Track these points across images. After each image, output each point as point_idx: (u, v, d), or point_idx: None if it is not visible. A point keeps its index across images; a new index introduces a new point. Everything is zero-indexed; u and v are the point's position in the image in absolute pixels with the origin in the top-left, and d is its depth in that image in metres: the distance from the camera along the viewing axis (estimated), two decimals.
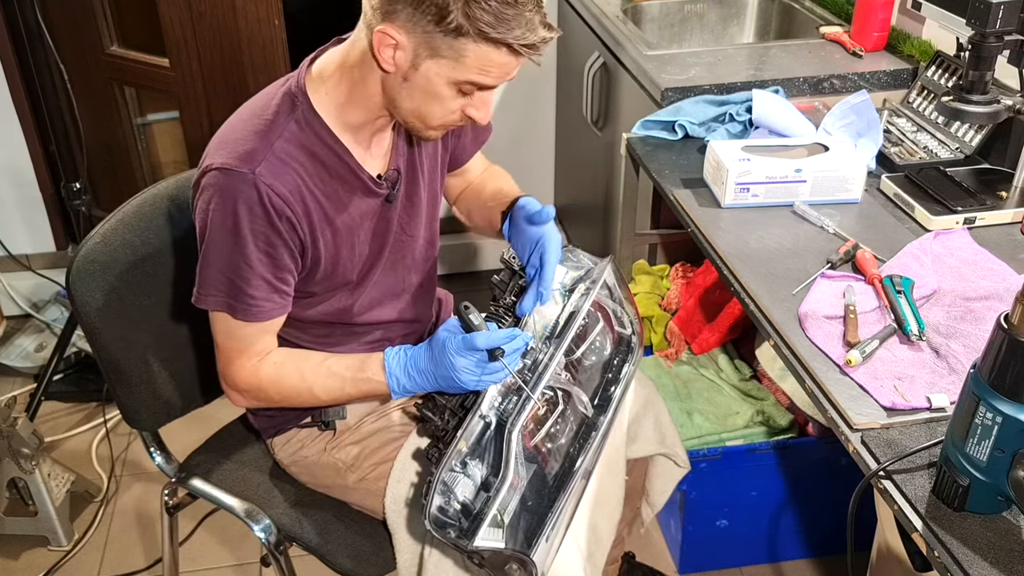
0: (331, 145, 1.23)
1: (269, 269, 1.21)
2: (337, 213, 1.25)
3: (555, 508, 1.19)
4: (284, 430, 1.46)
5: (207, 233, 1.19)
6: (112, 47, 2.58)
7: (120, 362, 1.42)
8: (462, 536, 1.14)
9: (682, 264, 2.29)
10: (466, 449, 1.19)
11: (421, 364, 1.24)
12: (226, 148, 1.19)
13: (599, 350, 1.39)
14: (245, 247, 1.18)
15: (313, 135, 1.21)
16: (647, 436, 1.55)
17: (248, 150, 1.17)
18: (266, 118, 1.20)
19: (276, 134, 1.19)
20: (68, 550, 2.12)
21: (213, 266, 1.21)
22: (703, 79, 1.95)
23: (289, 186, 1.19)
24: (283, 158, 1.19)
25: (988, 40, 1.46)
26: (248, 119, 1.22)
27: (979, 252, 1.48)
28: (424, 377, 1.23)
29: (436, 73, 1.12)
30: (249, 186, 1.16)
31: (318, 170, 1.22)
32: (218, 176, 1.17)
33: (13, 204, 2.79)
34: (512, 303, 1.33)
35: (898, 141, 1.83)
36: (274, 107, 1.21)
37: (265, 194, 1.16)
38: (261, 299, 1.22)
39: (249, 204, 1.16)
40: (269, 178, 1.17)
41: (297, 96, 1.21)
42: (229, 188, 1.16)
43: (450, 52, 1.10)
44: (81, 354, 2.63)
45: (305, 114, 1.21)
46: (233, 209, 1.16)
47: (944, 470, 1.03)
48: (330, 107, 1.22)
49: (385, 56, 1.12)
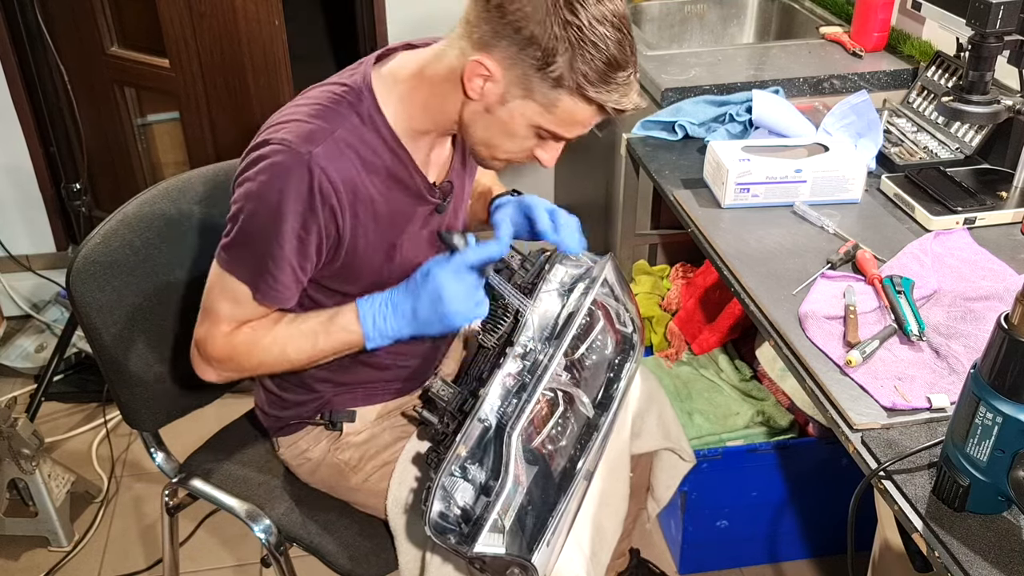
0: (391, 145, 1.21)
1: (296, 255, 1.18)
2: (383, 210, 1.23)
3: (556, 511, 1.18)
4: (291, 429, 1.46)
5: (249, 202, 1.16)
6: (112, 47, 2.58)
7: (120, 362, 1.42)
8: (463, 542, 1.13)
9: (682, 264, 2.29)
10: (465, 453, 1.18)
11: (400, 302, 1.19)
12: (286, 126, 1.16)
13: (600, 349, 1.38)
14: (283, 226, 1.15)
15: (374, 132, 1.19)
16: (651, 431, 1.55)
17: (308, 131, 1.15)
18: (329, 106, 1.18)
19: (338, 122, 1.17)
20: (68, 551, 2.12)
21: (246, 237, 1.17)
22: (703, 79, 1.95)
23: (343, 174, 1.16)
24: (341, 146, 1.16)
25: (988, 40, 1.46)
26: (309, 104, 1.19)
27: (979, 252, 1.48)
28: (404, 317, 1.19)
29: (521, 114, 1.11)
30: (303, 166, 1.13)
31: (373, 165, 1.20)
32: (276, 150, 1.14)
33: (13, 204, 2.79)
34: (510, 303, 1.32)
35: (898, 141, 1.83)
36: (335, 98, 1.19)
37: (317, 178, 1.14)
38: (283, 285, 1.19)
39: (299, 185, 1.13)
40: (324, 161, 1.14)
41: (363, 91, 1.19)
42: (284, 165, 1.13)
43: (543, 99, 1.09)
44: (81, 355, 2.63)
45: (369, 110, 1.19)
46: (282, 186, 1.13)
47: (944, 470, 1.03)
48: (399, 110, 1.20)
49: (474, 85, 1.11)
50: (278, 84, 2.44)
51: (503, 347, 1.26)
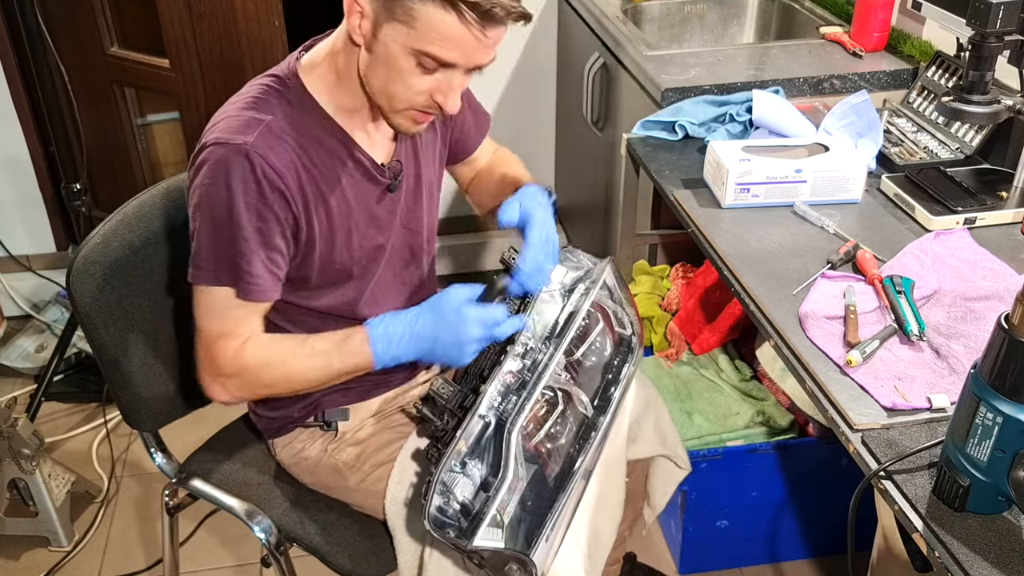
0: (325, 125, 1.23)
1: (262, 248, 1.19)
2: (332, 192, 1.24)
3: (555, 508, 1.19)
4: (286, 431, 1.46)
5: (201, 208, 1.18)
6: (112, 47, 2.58)
7: (120, 362, 1.42)
8: (461, 536, 1.13)
9: (682, 264, 2.29)
10: (465, 449, 1.18)
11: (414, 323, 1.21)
12: (218, 126, 1.19)
13: (599, 351, 1.39)
14: (239, 220, 1.16)
15: (306, 114, 1.22)
16: (648, 437, 1.55)
17: (240, 124, 1.17)
18: (256, 97, 1.21)
19: (267, 111, 1.19)
20: (68, 551, 2.12)
21: (209, 241, 1.19)
22: (703, 79, 1.95)
23: (283, 160, 1.18)
24: (276, 132, 1.18)
25: (988, 40, 1.46)
26: (239, 100, 1.22)
27: (979, 252, 1.48)
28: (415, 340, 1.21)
29: (392, 39, 1.11)
30: (242, 157, 1.15)
31: (313, 147, 1.22)
32: (212, 150, 1.16)
33: (13, 205, 2.79)
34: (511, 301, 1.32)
35: (898, 141, 1.82)
36: (263, 89, 1.22)
37: (259, 166, 1.15)
38: (258, 275, 1.20)
39: (243, 175, 1.15)
40: (263, 149, 1.16)
41: (288, 78, 1.22)
42: (223, 160, 1.15)
43: (403, 14, 1.09)
44: (81, 355, 2.63)
45: (297, 94, 1.22)
46: (227, 181, 1.15)
47: (944, 470, 1.03)
48: (322, 90, 1.23)
49: (354, 25, 1.13)
50: None
51: (503, 346, 1.26)
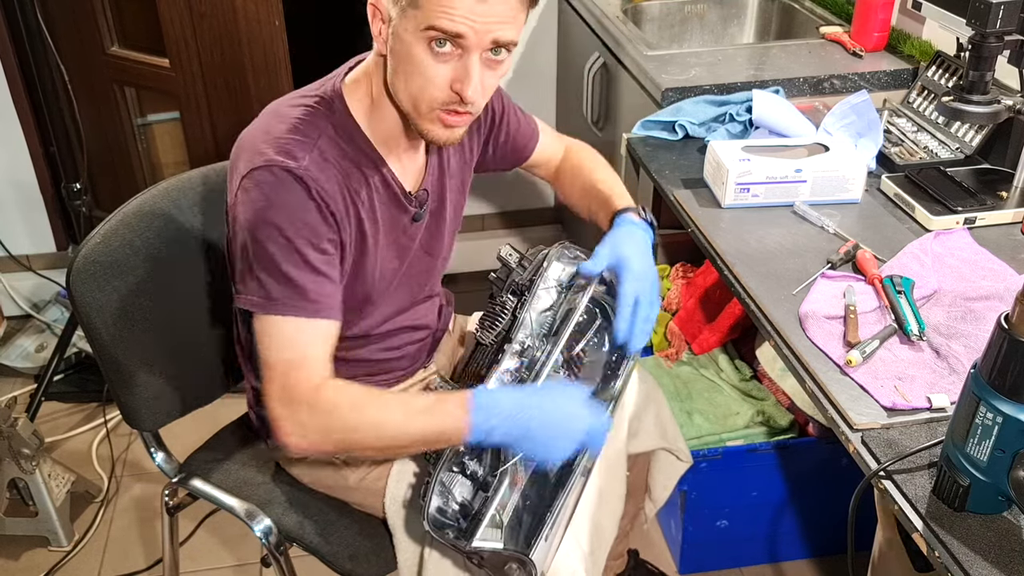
0: (365, 150, 1.21)
1: (323, 266, 1.16)
2: (368, 218, 1.23)
3: (554, 507, 1.18)
4: None
5: (257, 232, 1.13)
6: (112, 47, 2.58)
7: (120, 362, 1.42)
8: (460, 537, 1.13)
9: (682, 264, 2.29)
10: (464, 449, 1.18)
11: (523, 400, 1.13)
12: (267, 147, 1.15)
13: (597, 347, 1.39)
14: (296, 243, 1.13)
15: (348, 138, 1.20)
16: (648, 431, 1.55)
17: (292, 148, 1.15)
18: (305, 119, 1.18)
19: (316, 134, 1.17)
20: (68, 550, 2.12)
21: (271, 268, 1.13)
22: (703, 79, 1.95)
23: (332, 184, 1.16)
24: (326, 157, 1.17)
25: (988, 40, 1.46)
26: (283, 120, 1.19)
27: (979, 252, 1.48)
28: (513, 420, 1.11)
29: (405, 29, 1.09)
30: (298, 181, 1.13)
31: (353, 172, 1.20)
32: (265, 174, 1.13)
33: (13, 204, 2.79)
34: (509, 301, 1.32)
35: (898, 141, 1.82)
36: (310, 111, 1.19)
37: (314, 189, 1.13)
38: (325, 295, 1.16)
39: (299, 199, 1.13)
40: (315, 172, 1.14)
41: (334, 101, 1.20)
42: (279, 183, 1.12)
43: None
44: (81, 354, 2.63)
45: (341, 117, 1.20)
46: (283, 204, 1.12)
47: (944, 470, 1.03)
48: (362, 114, 1.21)
49: (376, 32, 1.13)
50: (278, 84, 2.44)
51: (501, 344, 1.26)
